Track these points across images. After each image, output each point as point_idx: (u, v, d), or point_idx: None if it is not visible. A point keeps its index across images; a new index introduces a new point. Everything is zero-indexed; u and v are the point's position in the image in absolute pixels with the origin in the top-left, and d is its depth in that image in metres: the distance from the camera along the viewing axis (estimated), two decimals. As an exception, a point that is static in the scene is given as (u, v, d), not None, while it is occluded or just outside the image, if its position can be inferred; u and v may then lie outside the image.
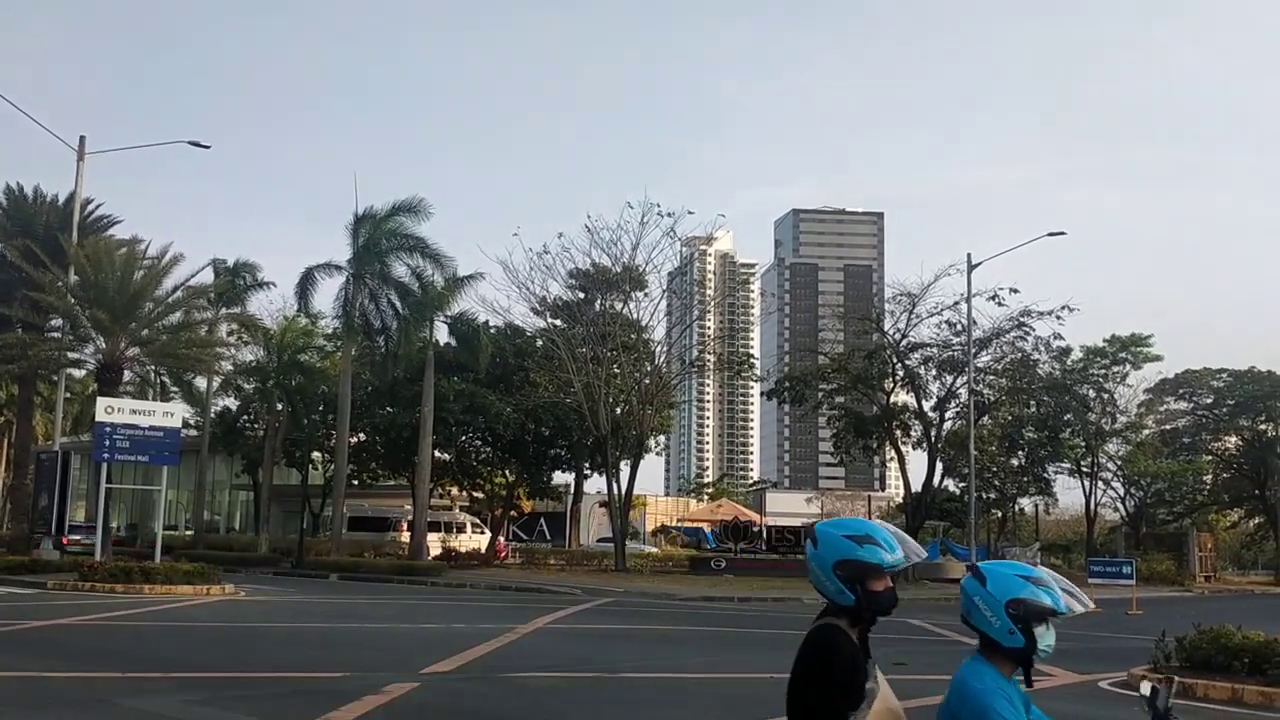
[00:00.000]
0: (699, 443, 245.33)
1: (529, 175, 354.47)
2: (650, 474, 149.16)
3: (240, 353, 49.75)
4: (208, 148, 40.43)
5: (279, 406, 48.88)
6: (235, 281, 47.37)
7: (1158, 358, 62.00)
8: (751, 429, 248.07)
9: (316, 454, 51.16)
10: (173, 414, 33.79)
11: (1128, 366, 61.24)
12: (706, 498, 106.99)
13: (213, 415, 51.64)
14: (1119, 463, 61.49)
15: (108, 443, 30.80)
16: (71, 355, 40.51)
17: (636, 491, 52.96)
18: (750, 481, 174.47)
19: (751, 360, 62.95)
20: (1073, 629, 25.07)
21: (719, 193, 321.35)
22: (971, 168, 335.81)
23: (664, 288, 49.80)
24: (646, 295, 48.69)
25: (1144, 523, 64.33)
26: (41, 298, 38.24)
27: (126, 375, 40.22)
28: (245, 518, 59.79)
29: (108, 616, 19.68)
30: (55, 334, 42.62)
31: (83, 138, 38.97)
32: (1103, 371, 60.05)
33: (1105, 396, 58.32)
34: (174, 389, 43.56)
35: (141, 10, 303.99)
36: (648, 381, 47.79)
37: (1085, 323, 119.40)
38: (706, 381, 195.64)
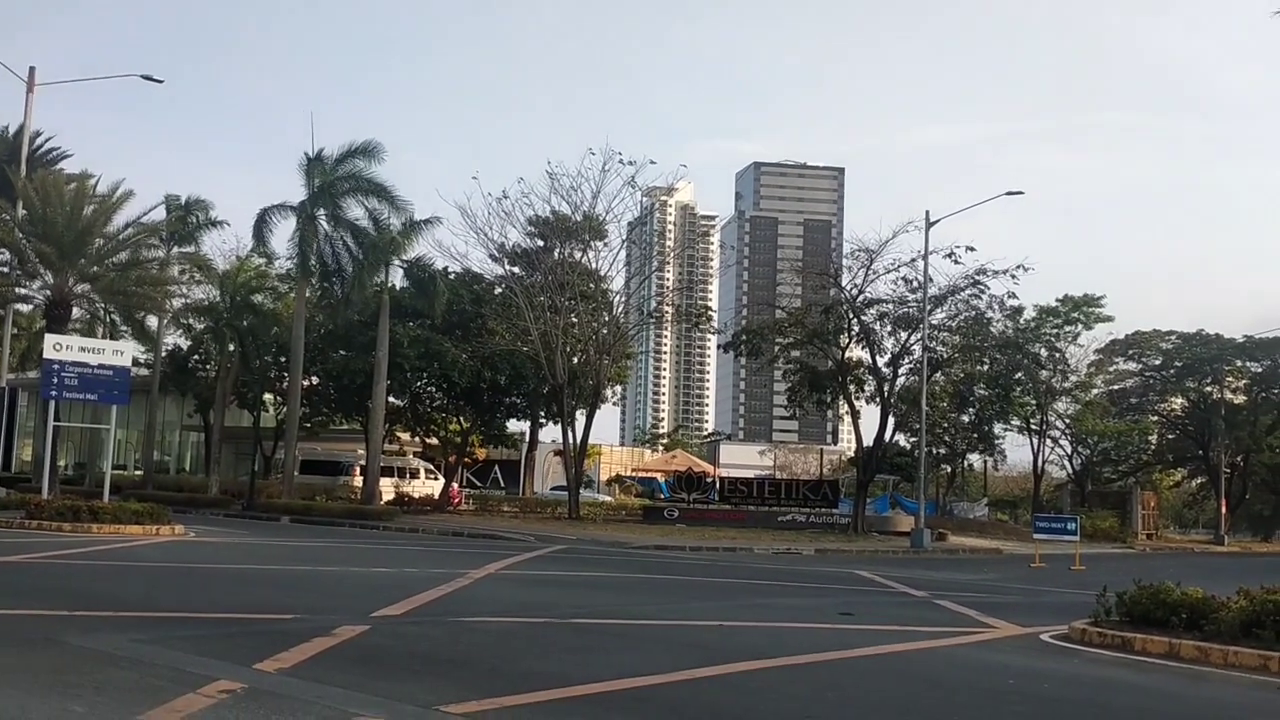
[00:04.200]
0: (655, 394, 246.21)
1: (488, 121, 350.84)
2: (606, 424, 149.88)
3: (192, 291, 49.15)
4: (160, 82, 39.68)
5: (231, 348, 48.39)
6: (188, 219, 46.66)
7: (1109, 318, 62.93)
8: (707, 381, 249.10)
9: (269, 396, 50.76)
10: (122, 352, 33.35)
11: (1079, 326, 62.06)
12: (661, 448, 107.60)
13: (163, 354, 51.02)
14: (1067, 421, 62.43)
15: (56, 380, 30.41)
16: (19, 290, 39.80)
17: (592, 441, 53.15)
18: (705, 433, 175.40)
19: (709, 313, 63.06)
20: (1017, 584, 25.57)
21: (681, 143, 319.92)
22: (933, 126, 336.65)
23: (624, 238, 49.65)
24: (606, 245, 48.66)
25: (1089, 481, 65.48)
26: (-14, 230, 37.48)
27: (75, 312, 39.66)
28: (196, 459, 59.36)
29: (55, 555, 19.50)
30: (2, 269, 41.78)
31: (32, 68, 38.15)
32: (1055, 331, 60.80)
33: (1056, 356, 59.07)
34: (124, 327, 42.93)
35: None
36: (605, 331, 47.80)
37: (1038, 282, 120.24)
38: (664, 333, 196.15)
